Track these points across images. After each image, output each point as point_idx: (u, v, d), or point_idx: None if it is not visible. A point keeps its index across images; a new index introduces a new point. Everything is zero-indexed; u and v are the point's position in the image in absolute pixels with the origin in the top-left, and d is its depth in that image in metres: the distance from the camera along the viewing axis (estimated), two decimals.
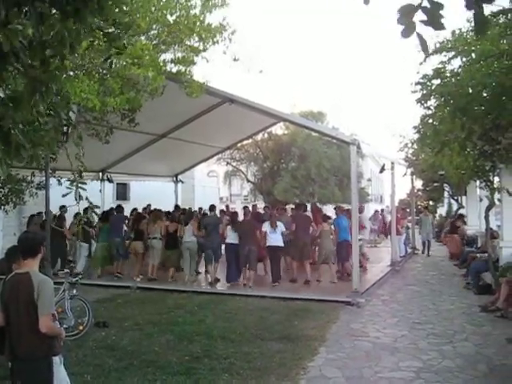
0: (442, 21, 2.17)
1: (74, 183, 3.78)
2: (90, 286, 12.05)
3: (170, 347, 8.04)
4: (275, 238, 13.25)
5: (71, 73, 6.83)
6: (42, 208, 13.78)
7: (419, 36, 2.22)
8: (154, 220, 14.55)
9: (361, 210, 16.67)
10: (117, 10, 3.26)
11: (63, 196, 4.03)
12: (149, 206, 18.17)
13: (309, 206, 17.42)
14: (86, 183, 3.88)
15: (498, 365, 7.25)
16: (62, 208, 14.57)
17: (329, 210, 20.27)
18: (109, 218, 14.67)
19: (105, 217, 14.42)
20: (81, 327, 8.59)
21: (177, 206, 18.95)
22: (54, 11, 2.54)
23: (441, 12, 2.15)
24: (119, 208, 15.36)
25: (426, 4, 2.15)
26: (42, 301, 4.07)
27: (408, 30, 2.19)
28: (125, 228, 15.72)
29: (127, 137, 13.91)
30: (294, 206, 16.97)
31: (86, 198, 3.86)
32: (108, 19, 2.90)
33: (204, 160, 23.45)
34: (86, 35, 2.75)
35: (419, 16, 2.19)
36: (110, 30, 2.98)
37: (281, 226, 13.35)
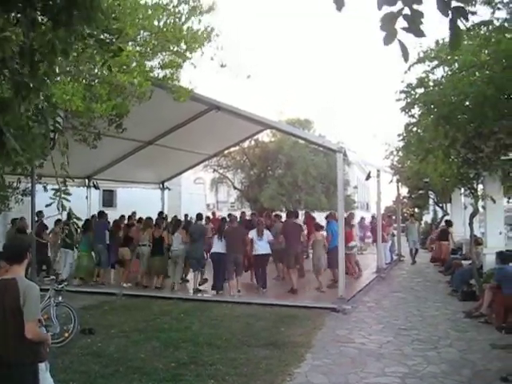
0: (423, 28, 2.25)
1: (58, 193, 3.76)
2: (75, 293, 12.00)
3: (156, 354, 8.02)
4: (262, 246, 13.30)
5: (58, 78, 6.83)
6: (26, 215, 13.74)
7: (400, 43, 2.29)
8: (144, 228, 14.55)
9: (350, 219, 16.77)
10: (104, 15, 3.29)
11: (46, 206, 4.00)
12: (134, 213, 18.09)
13: (302, 214, 17.52)
14: (70, 194, 3.86)
15: (482, 370, 7.32)
16: (39, 214, 14.40)
17: (317, 217, 20.33)
18: (90, 227, 14.58)
19: (86, 226, 14.31)
20: (66, 334, 8.53)
21: (161, 213, 18.90)
22: (44, 19, 2.57)
23: (421, 19, 2.22)
24: (102, 214, 15.28)
25: (407, 12, 2.22)
26: (28, 307, 4.06)
27: (390, 36, 2.26)
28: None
29: (114, 143, 13.91)
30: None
31: (69, 209, 3.82)
32: (98, 26, 2.94)
33: (191, 167, 23.45)
34: (77, 42, 2.78)
35: (401, 23, 2.26)
36: (101, 37, 3.01)
37: (267, 234, 13.43)
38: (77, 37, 2.70)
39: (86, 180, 18.15)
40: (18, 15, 2.44)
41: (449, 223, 20.89)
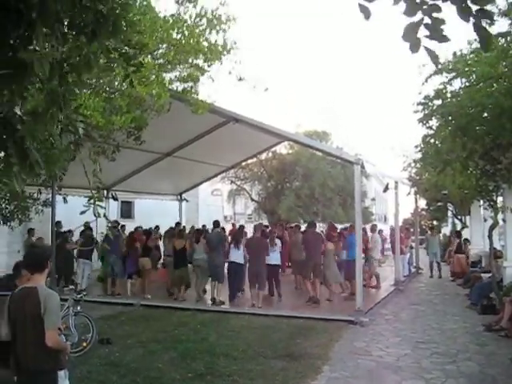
0: (446, 33, 2.28)
1: (92, 199, 3.87)
2: (93, 303, 12.07)
3: (173, 364, 8.05)
4: (273, 257, 13.38)
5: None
6: (46, 225, 13.94)
7: (427, 49, 2.32)
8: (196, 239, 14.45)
9: (373, 230, 16.75)
10: (128, 29, 3.38)
11: (81, 213, 4.10)
12: (157, 227, 18.18)
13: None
14: (102, 200, 3.97)
15: None
16: (58, 224, 14.57)
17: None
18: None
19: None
20: (84, 344, 8.61)
21: (178, 224, 18.97)
22: (75, 33, 2.65)
23: (442, 26, 2.26)
24: (115, 225, 15.28)
25: (427, 21, 2.26)
26: (49, 315, 4.12)
27: (414, 45, 2.30)
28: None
29: (132, 155, 14.04)
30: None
31: (104, 215, 3.94)
32: (123, 40, 3.01)
33: (208, 179, 23.55)
34: (101, 56, 2.86)
35: (423, 32, 2.30)
36: (124, 50, 3.08)
37: (279, 245, 13.54)
38: (102, 51, 2.78)
39: (105, 191, 18.31)
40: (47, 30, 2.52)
41: (458, 234, 20.67)
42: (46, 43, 2.48)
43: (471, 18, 2.29)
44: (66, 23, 2.58)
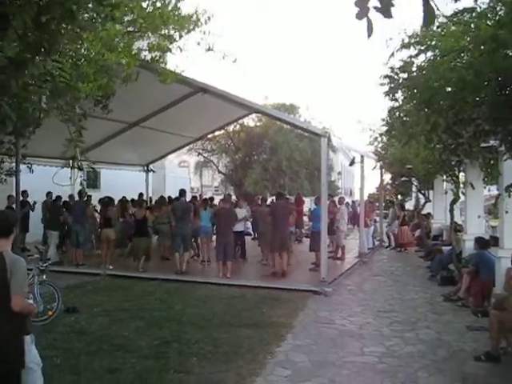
0: (393, 10, 2.41)
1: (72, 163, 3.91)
2: (59, 273, 11.99)
3: (140, 332, 8.13)
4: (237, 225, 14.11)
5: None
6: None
7: (368, 20, 2.44)
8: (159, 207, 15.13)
9: (341, 202, 17.00)
10: None
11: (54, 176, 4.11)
12: (124, 198, 18.07)
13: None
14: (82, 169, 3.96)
15: (457, 350, 7.53)
16: (23, 194, 14.67)
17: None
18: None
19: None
20: (50, 312, 8.61)
21: (141, 194, 18.86)
22: None
23: (392, 1, 2.37)
24: (81, 194, 15.09)
25: None
26: (15, 280, 4.10)
27: (362, 13, 2.41)
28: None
29: (99, 124, 13.79)
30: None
31: (81, 183, 3.95)
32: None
33: (175, 150, 23.40)
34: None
35: (373, 3, 2.42)
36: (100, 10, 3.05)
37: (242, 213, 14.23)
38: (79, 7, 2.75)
39: (70, 161, 18.01)
40: None
41: (402, 207, 21.22)
42: None
43: None
44: None
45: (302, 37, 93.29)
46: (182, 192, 14.36)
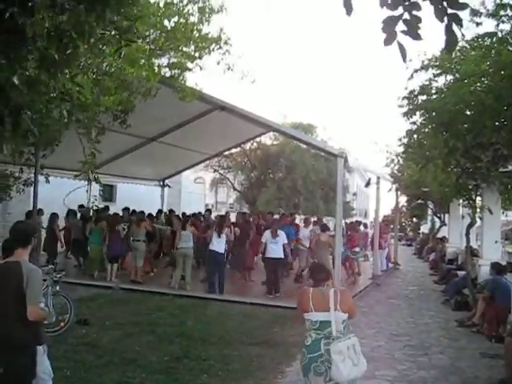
0: (420, 32, 2.41)
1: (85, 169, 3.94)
2: (72, 285, 12.03)
3: (151, 347, 8.11)
4: (275, 249, 13.01)
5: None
6: (26, 204, 13.89)
7: (399, 44, 2.44)
8: (137, 223, 14.50)
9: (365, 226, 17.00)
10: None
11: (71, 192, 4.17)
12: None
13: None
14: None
15: (471, 377, 7.42)
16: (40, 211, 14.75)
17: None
18: (103, 219, 14.59)
19: (98, 217, 14.43)
20: (62, 324, 8.61)
21: (160, 211, 18.95)
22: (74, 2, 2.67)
23: (419, 24, 2.38)
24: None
25: (406, 17, 2.39)
26: (31, 290, 4.14)
27: (389, 38, 2.42)
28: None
29: (117, 138, 13.95)
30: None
31: (94, 196, 4.00)
32: (118, 11, 3.02)
33: (192, 166, 23.50)
34: (98, 28, 2.89)
35: (400, 27, 2.43)
36: (121, 24, 3.11)
37: (283, 237, 13.10)
38: (98, 22, 2.81)
39: (86, 177, 18.13)
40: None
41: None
42: (44, 10, 2.50)
43: (445, 19, 2.43)
44: None
45: (322, 57, 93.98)
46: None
